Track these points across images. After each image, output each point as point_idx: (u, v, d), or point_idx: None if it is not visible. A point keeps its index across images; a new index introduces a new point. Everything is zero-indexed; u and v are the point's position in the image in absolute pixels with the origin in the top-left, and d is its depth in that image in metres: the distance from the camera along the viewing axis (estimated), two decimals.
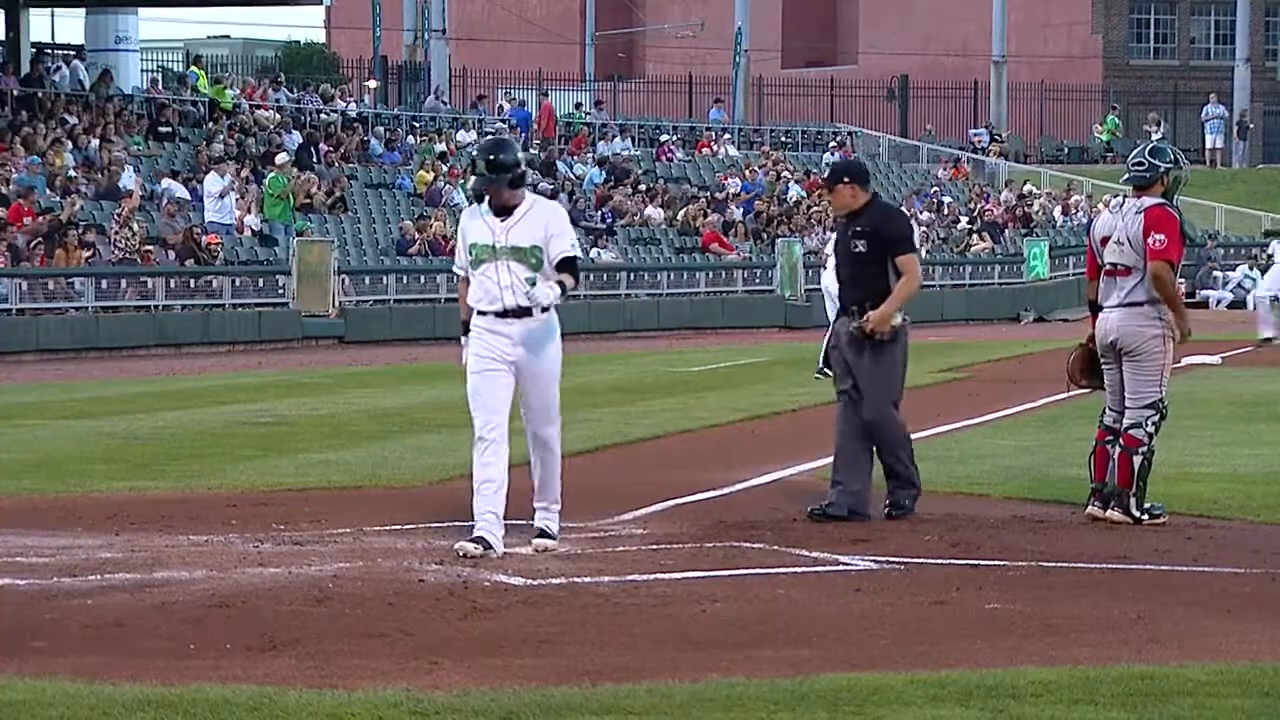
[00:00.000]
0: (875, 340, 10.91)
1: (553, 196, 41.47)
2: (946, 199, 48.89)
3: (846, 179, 11.16)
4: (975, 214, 48.25)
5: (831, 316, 13.24)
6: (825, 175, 11.39)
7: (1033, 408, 19.02)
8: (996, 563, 9.57)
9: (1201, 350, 24.16)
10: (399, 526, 10.66)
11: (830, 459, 11.19)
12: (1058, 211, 50.55)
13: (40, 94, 37.34)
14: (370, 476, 13.35)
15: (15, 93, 37.08)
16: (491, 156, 9.54)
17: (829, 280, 16.99)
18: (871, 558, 9.69)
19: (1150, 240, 10.66)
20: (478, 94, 49.61)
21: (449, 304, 35.52)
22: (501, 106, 48.93)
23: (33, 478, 13.25)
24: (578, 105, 52.16)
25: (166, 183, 35.04)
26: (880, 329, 10.90)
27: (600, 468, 14.17)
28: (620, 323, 37.46)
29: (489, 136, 10.37)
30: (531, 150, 43.36)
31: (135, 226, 32.13)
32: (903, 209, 11.52)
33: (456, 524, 10.65)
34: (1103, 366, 11.08)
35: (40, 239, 30.67)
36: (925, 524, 10.83)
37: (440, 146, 43.10)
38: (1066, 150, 59.73)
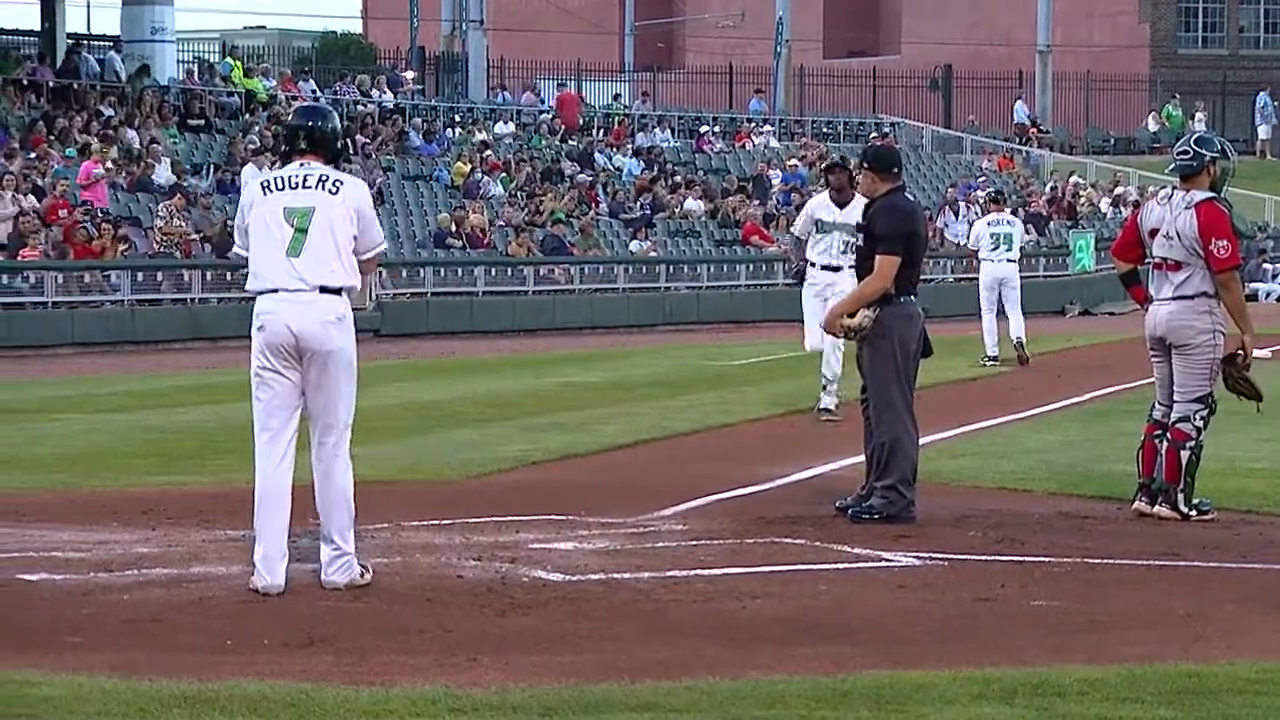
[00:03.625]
0: (855, 337, 10.91)
1: (590, 188, 41.52)
2: (991, 191, 48.68)
3: (866, 165, 11.14)
4: (1020, 206, 48.08)
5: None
6: (858, 157, 11.35)
7: (1078, 402, 18.95)
8: (1041, 559, 9.55)
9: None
10: (437, 522, 10.67)
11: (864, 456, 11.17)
12: (1104, 203, 50.34)
13: (75, 86, 37.49)
14: (408, 470, 13.37)
15: (50, 84, 37.23)
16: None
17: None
18: (914, 554, 9.67)
19: (1213, 248, 10.60)
20: (498, 84, 49.58)
21: (488, 297, 35.59)
22: (506, 96, 48.91)
23: (68, 472, 13.32)
24: (616, 96, 52.15)
25: (192, 181, 35.13)
26: (830, 328, 10.95)
27: (640, 462, 14.18)
28: (660, 316, 37.44)
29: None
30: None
31: (179, 221, 32.24)
32: (914, 207, 11.40)
33: (495, 519, 10.67)
34: (1152, 360, 11.05)
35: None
36: (969, 520, 10.81)
37: (480, 137, 43.14)
38: (1113, 141, 59.47)
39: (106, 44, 42.42)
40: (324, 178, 8.70)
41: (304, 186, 8.67)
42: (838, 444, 14.14)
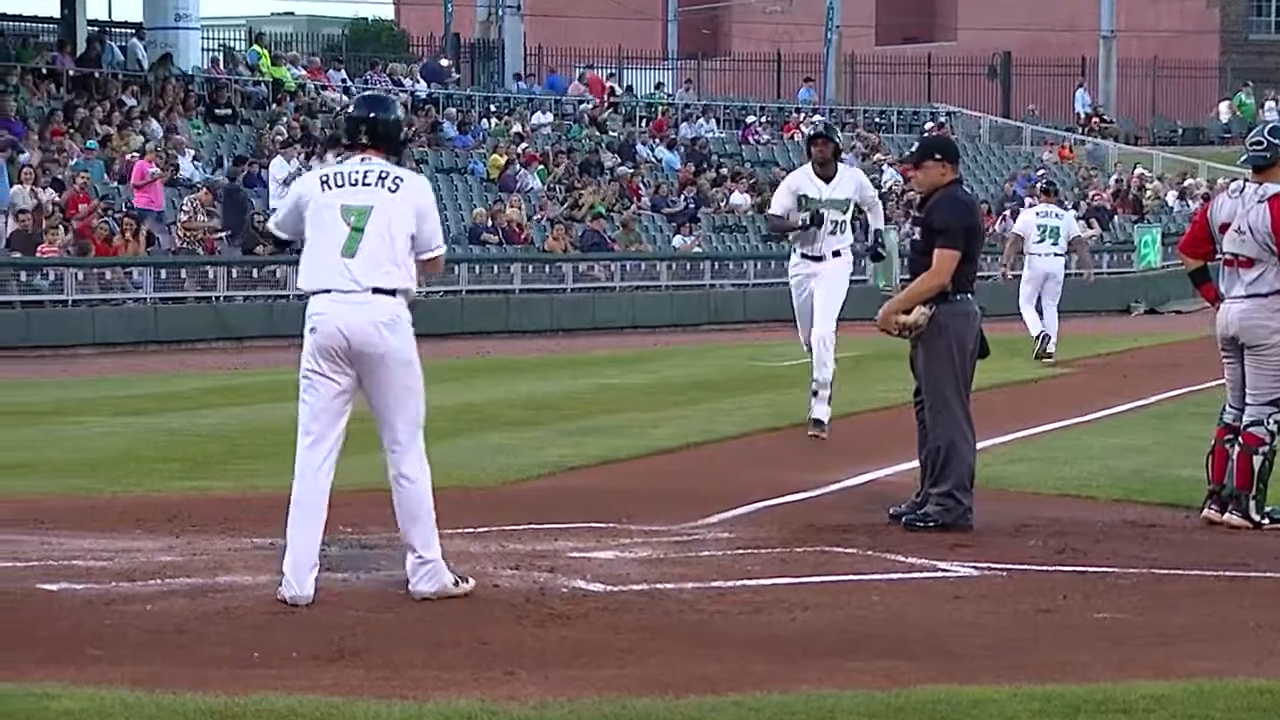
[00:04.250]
0: (909, 336, 10.88)
1: (631, 181, 41.52)
2: (1042, 181, 48.52)
3: (938, 155, 11.09)
4: (1082, 199, 47.94)
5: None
6: (912, 151, 11.30)
7: (1143, 404, 18.90)
8: (1105, 569, 9.53)
9: None
10: (472, 529, 10.70)
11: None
12: (1171, 196, 50.15)
13: (97, 74, 37.66)
14: (441, 476, 13.28)
15: (71, 73, 37.41)
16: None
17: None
18: (972, 564, 9.66)
19: None
20: (514, 72, 49.62)
21: (525, 295, 35.62)
22: (555, 80, 48.92)
23: (89, 477, 13.39)
24: (659, 85, 52.16)
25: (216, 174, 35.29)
26: (884, 327, 10.90)
27: (684, 467, 14.19)
28: (705, 314, 37.43)
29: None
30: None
31: (203, 217, 32.33)
32: (974, 200, 11.40)
33: (533, 526, 10.69)
34: (1223, 360, 11.00)
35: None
36: (1029, 528, 10.79)
37: (517, 128, 43.20)
38: (1181, 131, 59.23)
39: (129, 31, 42.59)
40: (384, 175, 8.76)
41: (363, 184, 8.73)
42: (891, 448, 14.12)
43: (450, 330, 33.53)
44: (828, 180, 15.12)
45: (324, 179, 8.83)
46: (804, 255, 15.39)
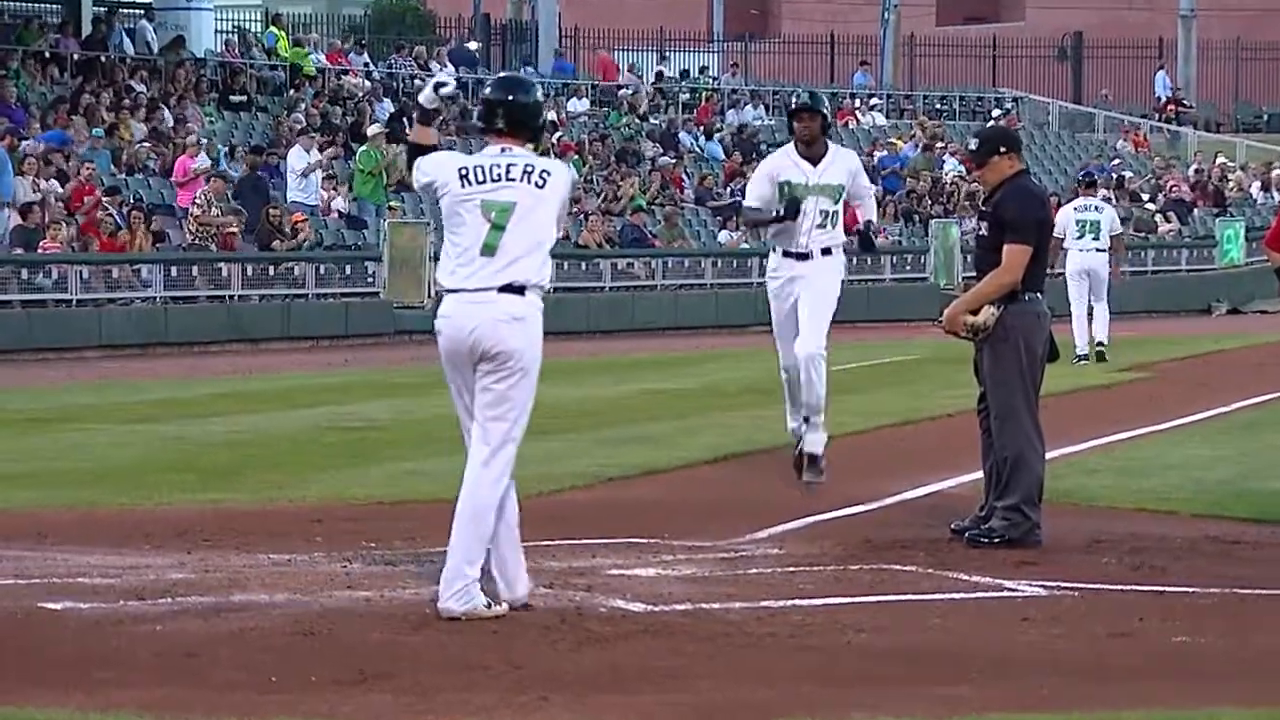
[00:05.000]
0: (977, 339, 10.86)
1: (674, 172, 41.52)
2: (1126, 173, 48.45)
3: (1004, 148, 11.09)
4: (1160, 191, 47.81)
5: None
6: (973, 145, 11.28)
7: (1225, 412, 18.83)
8: (1185, 589, 9.49)
9: None
10: None
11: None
12: (1255, 188, 49.95)
13: (104, 58, 37.81)
14: None
15: (76, 57, 37.57)
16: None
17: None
18: (1040, 583, 9.63)
19: None
20: (554, 49, 49.67)
21: (559, 294, 35.60)
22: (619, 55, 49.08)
23: (95, 489, 13.43)
24: (703, 69, 52.16)
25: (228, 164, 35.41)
26: (951, 328, 10.88)
27: (730, 478, 14.18)
28: (752, 315, 37.26)
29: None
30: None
31: (216, 210, 32.36)
32: (1041, 191, 11.40)
33: (568, 542, 10.69)
34: None
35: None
36: (1102, 545, 10.77)
37: (551, 115, 43.25)
38: (1266, 118, 58.98)
39: (137, 12, 42.74)
40: (529, 169, 8.86)
41: (506, 179, 8.84)
42: (954, 458, 14.10)
43: None
44: (815, 162, 13.03)
45: (463, 172, 8.92)
46: (786, 254, 13.13)
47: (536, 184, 8.80)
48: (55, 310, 29.92)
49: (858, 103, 50.30)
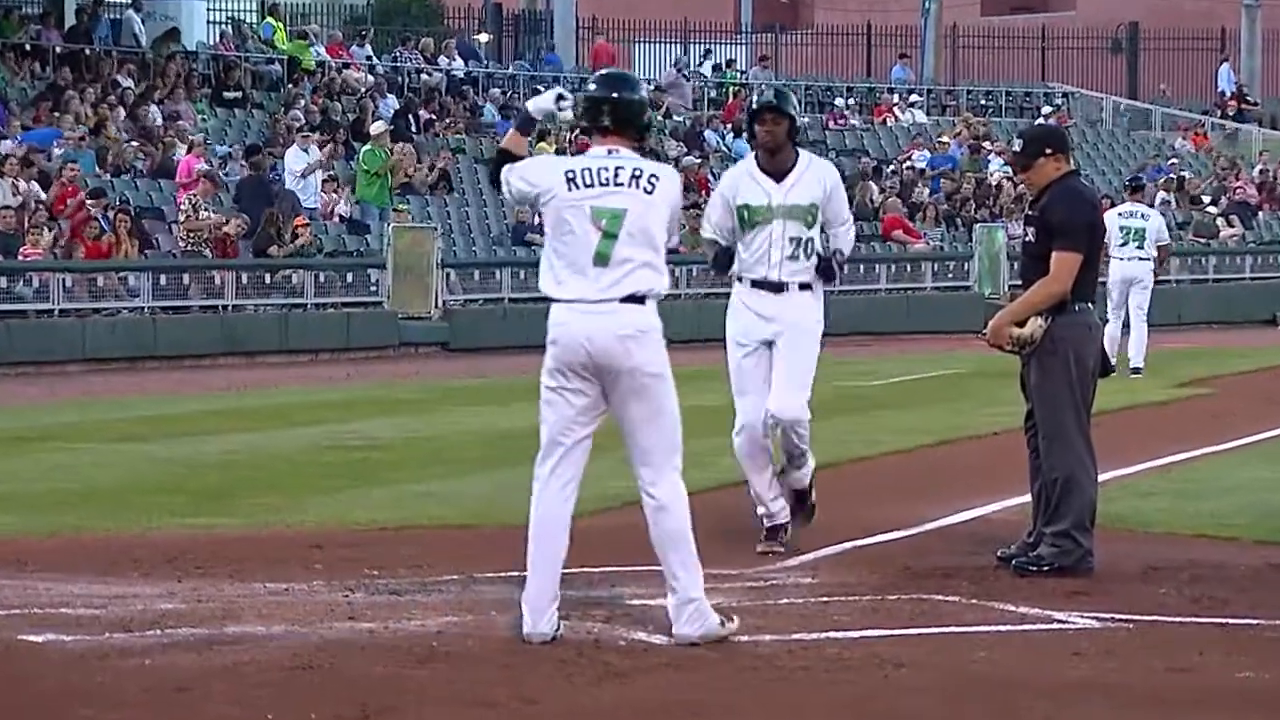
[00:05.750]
0: (1023, 353, 10.85)
1: (699, 173, 41.55)
2: (1186, 174, 48.40)
3: (1050, 149, 11.08)
4: (1222, 193, 47.75)
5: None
6: (1018, 146, 11.27)
7: None
8: (1249, 621, 9.49)
9: None
10: (516, 573, 10.70)
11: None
12: None
13: (88, 51, 37.89)
14: (481, 512, 13.44)
15: (58, 49, 37.65)
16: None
17: None
18: (1093, 614, 9.63)
19: None
20: (538, 49, 49.71)
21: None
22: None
23: (79, 513, 13.46)
24: (730, 62, 52.19)
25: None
26: (995, 341, 10.86)
27: None
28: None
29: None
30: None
31: (206, 213, 32.34)
32: (1092, 193, 11.41)
33: (586, 570, 10.70)
34: None
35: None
36: (1160, 573, 10.76)
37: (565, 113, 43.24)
38: None
39: (124, 2, 42.85)
40: (638, 173, 9.00)
41: (615, 183, 8.99)
42: (999, 480, 14.09)
43: (490, 345, 33.59)
44: (779, 177, 11.53)
45: (570, 175, 9.05)
46: (756, 284, 11.53)
47: (645, 189, 8.96)
48: (36, 321, 30.00)
49: (896, 99, 50.31)
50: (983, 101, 52.35)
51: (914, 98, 50.69)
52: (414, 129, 39.78)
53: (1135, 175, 33.57)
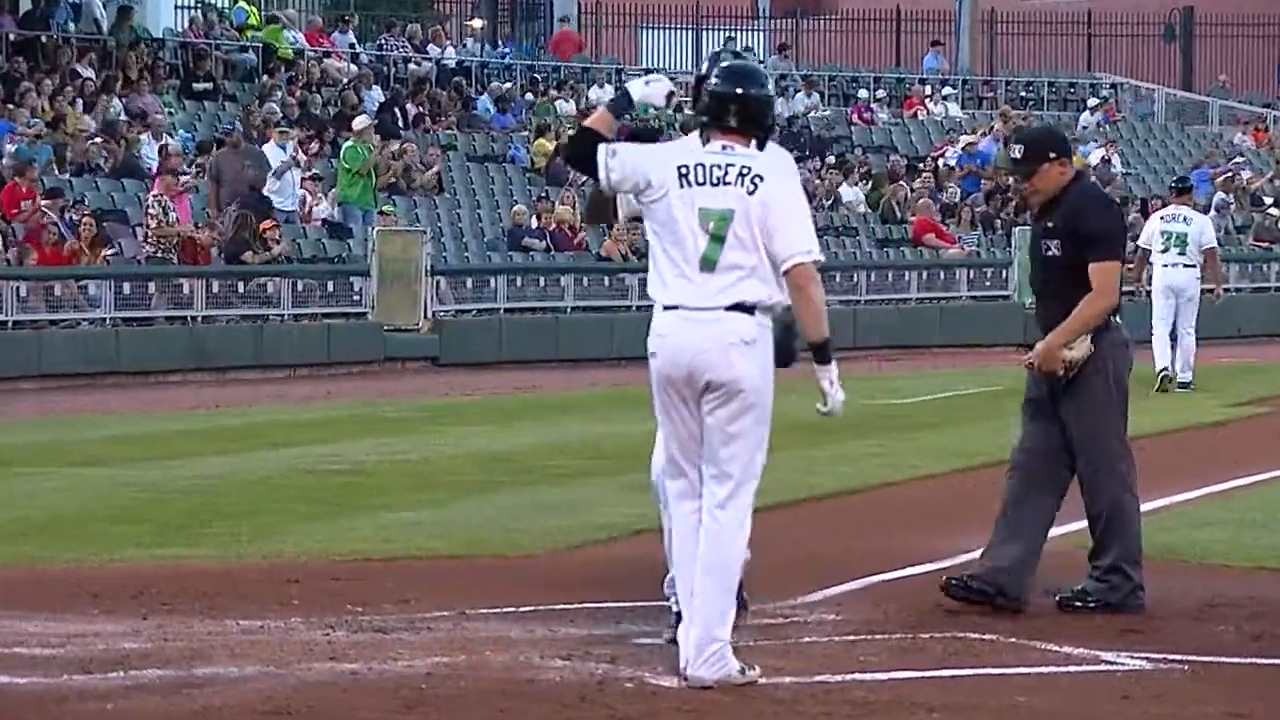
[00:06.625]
0: (1062, 377, 10.83)
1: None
2: (1246, 174, 48.40)
3: (1054, 153, 11.08)
4: None
5: None
6: (1017, 153, 11.21)
7: None
8: None
9: None
10: (512, 609, 10.72)
11: (1085, 523, 11.12)
12: None
13: (45, 39, 37.92)
14: (474, 542, 13.43)
15: (12, 37, 37.68)
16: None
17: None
18: (1144, 654, 9.62)
19: None
20: (536, 37, 49.73)
21: (579, 314, 35.67)
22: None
23: (35, 543, 13.46)
24: (747, 50, 52.23)
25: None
26: (1049, 367, 10.81)
27: (778, 532, 14.14)
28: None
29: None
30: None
31: (177, 215, 32.17)
32: (1110, 196, 11.47)
33: (589, 605, 10.70)
34: None
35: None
36: (1217, 610, 10.75)
37: (567, 106, 43.34)
38: None
39: None
40: (745, 171, 9.07)
41: (724, 182, 9.06)
42: None
43: (484, 360, 33.61)
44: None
45: (683, 171, 9.12)
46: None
47: (748, 190, 9.02)
48: None
49: (928, 90, 50.32)
50: (1023, 93, 52.34)
51: (947, 89, 50.69)
52: (401, 123, 39.78)
53: (1182, 176, 33.60)
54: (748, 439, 9.06)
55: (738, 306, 8.98)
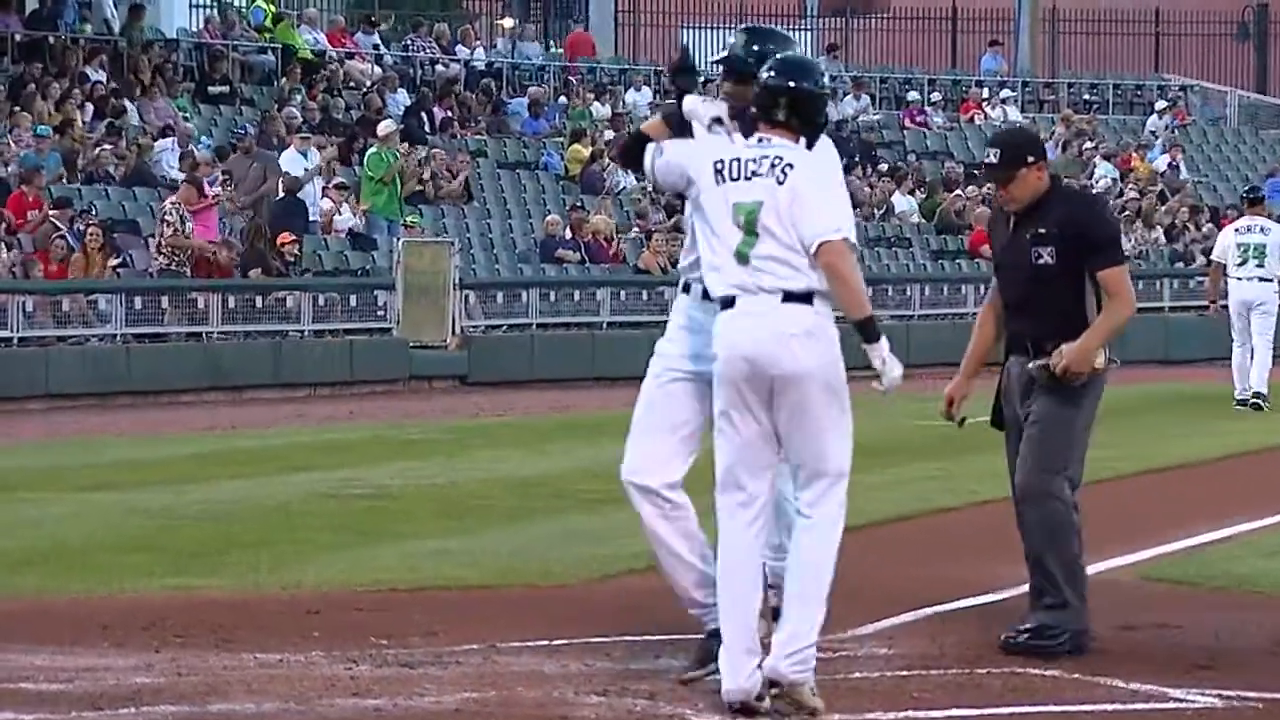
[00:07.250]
0: (1062, 384, 10.89)
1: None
2: (1247, 189, 48.30)
3: (1032, 157, 11.10)
4: None
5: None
6: (993, 157, 11.19)
7: None
8: None
9: None
10: (545, 642, 10.72)
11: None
12: None
13: (52, 39, 38.00)
14: (504, 572, 13.44)
15: (18, 38, 37.77)
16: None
17: None
18: (1216, 691, 9.61)
19: None
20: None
21: (615, 330, 35.62)
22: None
23: (42, 572, 13.49)
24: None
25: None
26: (1078, 370, 10.87)
27: None
28: (853, 355, 37.09)
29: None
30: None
31: (192, 226, 32.15)
32: (1099, 198, 11.64)
33: (625, 638, 10.70)
34: None
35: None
36: None
37: (603, 109, 43.33)
38: None
39: None
40: (775, 161, 9.22)
41: (755, 174, 9.23)
42: (1107, 535, 14.04)
43: (515, 378, 33.61)
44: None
45: (718, 166, 9.31)
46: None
47: (777, 180, 9.16)
48: None
49: (986, 93, 50.27)
50: (1086, 96, 52.26)
51: (1006, 92, 50.63)
52: (428, 128, 39.81)
53: (1254, 185, 33.57)
54: (835, 430, 9.20)
55: (791, 296, 9.09)
